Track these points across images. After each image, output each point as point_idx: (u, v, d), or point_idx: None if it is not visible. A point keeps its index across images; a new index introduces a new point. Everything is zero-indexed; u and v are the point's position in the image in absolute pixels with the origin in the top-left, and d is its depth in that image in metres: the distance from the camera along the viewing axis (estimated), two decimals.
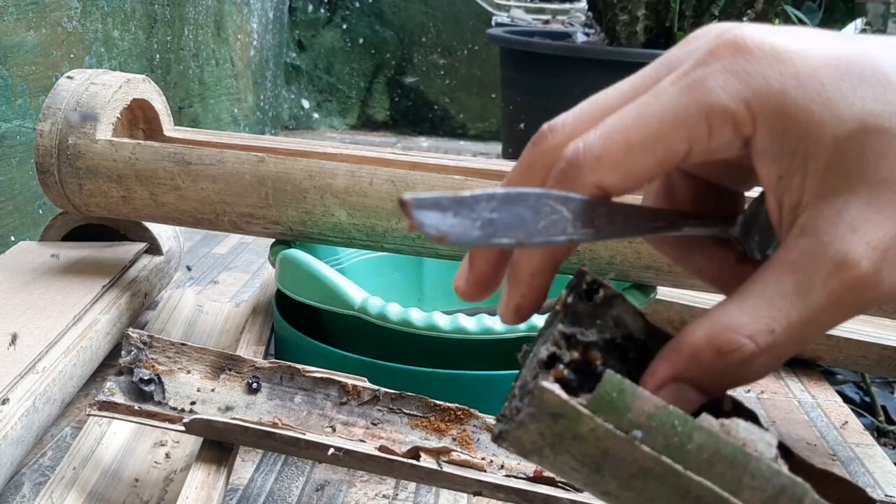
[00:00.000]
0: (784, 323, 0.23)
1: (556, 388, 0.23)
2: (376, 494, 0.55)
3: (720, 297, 0.26)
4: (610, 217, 0.25)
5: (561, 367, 0.25)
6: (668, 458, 0.23)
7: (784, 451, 0.28)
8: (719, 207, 0.29)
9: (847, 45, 0.24)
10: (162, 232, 0.82)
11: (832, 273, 0.23)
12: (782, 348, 0.24)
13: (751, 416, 0.28)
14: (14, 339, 0.57)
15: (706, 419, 0.23)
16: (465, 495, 0.55)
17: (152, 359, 0.52)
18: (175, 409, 0.50)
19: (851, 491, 0.28)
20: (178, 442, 0.58)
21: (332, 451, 0.48)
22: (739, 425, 0.24)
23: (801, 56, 0.23)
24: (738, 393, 0.72)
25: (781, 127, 0.23)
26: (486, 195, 0.23)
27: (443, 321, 0.59)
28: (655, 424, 0.23)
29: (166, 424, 0.49)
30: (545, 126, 0.27)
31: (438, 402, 0.51)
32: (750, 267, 0.26)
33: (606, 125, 0.25)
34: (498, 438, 0.26)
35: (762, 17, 1.54)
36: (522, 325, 0.39)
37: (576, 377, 0.25)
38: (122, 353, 0.52)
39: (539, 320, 0.51)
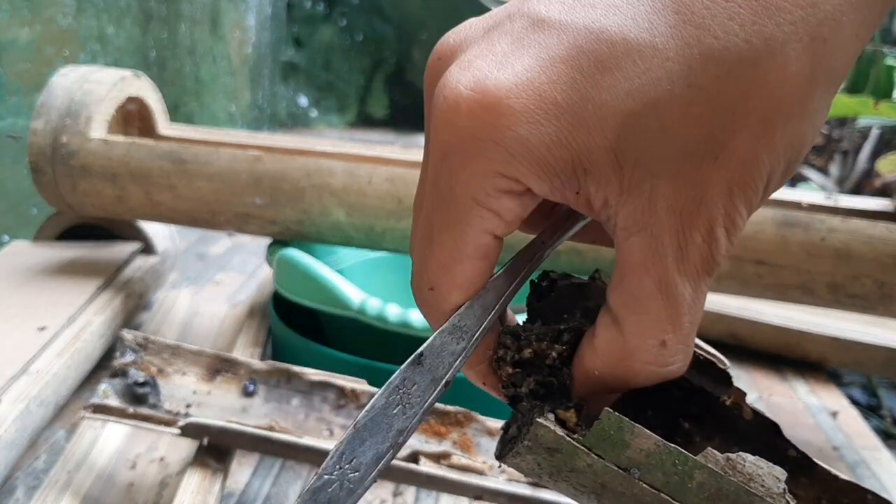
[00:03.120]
0: (668, 326, 0.23)
1: (552, 424, 0.23)
2: (375, 499, 0.54)
3: (721, 294, 0.25)
4: (483, 307, 0.24)
5: (507, 367, 0.25)
6: (667, 495, 0.23)
7: (807, 463, 0.27)
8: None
9: (559, 37, 0.22)
10: (157, 232, 0.81)
11: (680, 259, 0.22)
12: (684, 342, 0.23)
13: (772, 427, 0.27)
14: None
15: (711, 454, 0.23)
16: (465, 499, 0.54)
17: (147, 361, 0.51)
18: (170, 412, 0.49)
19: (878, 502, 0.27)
20: (154, 449, 0.57)
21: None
22: (746, 459, 0.23)
23: (518, 91, 0.21)
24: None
25: (543, 169, 0.22)
26: (329, 461, 0.22)
27: None
28: (655, 462, 0.23)
29: (161, 427, 0.49)
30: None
31: (438, 404, 0.51)
32: None
33: (414, 252, 0.25)
34: (498, 458, 0.26)
35: None
36: None
37: (521, 370, 0.25)
38: (117, 354, 0.51)
39: None
